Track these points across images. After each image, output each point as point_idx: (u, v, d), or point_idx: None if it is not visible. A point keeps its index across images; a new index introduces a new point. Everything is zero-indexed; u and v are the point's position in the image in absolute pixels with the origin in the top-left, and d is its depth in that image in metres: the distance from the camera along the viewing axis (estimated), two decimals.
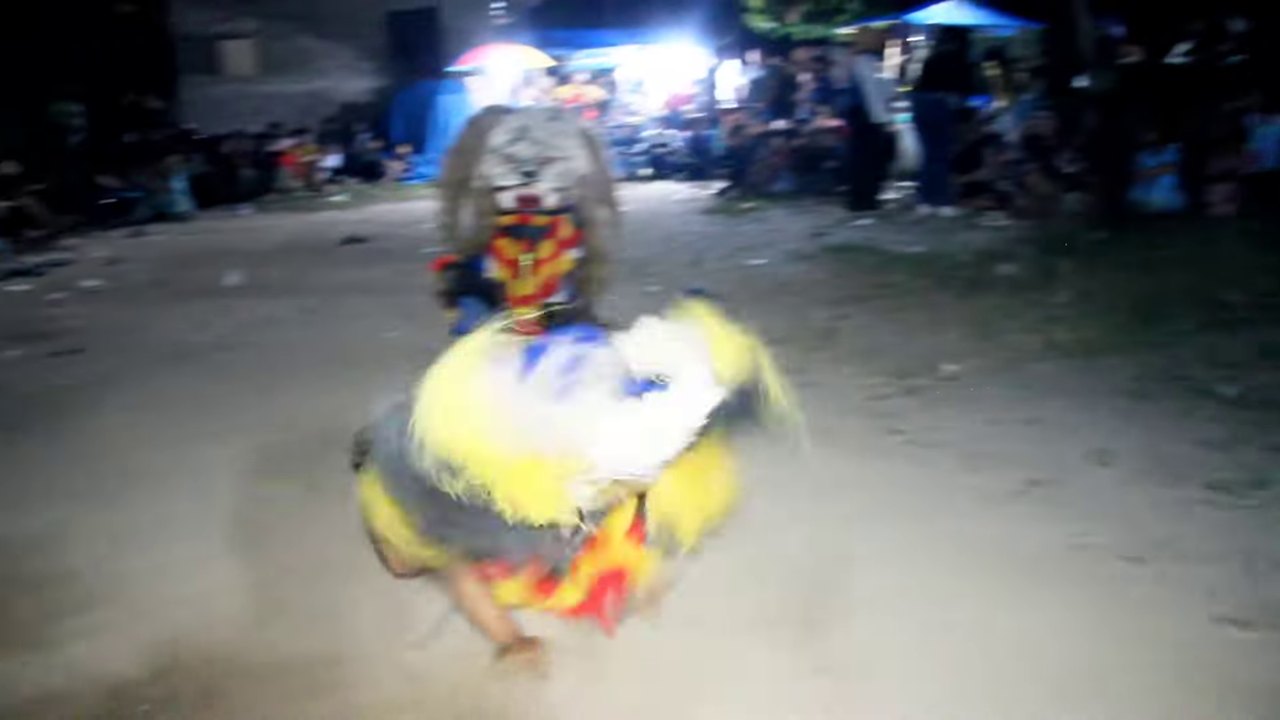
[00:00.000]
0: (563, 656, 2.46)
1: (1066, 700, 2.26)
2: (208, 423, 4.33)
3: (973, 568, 2.85)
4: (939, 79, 10.15)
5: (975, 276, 6.72)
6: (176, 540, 3.18)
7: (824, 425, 4.03)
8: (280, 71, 19.19)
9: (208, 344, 5.76)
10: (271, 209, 13.50)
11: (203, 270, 8.41)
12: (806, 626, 2.56)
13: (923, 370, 4.72)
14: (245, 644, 2.56)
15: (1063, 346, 5.01)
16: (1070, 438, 3.83)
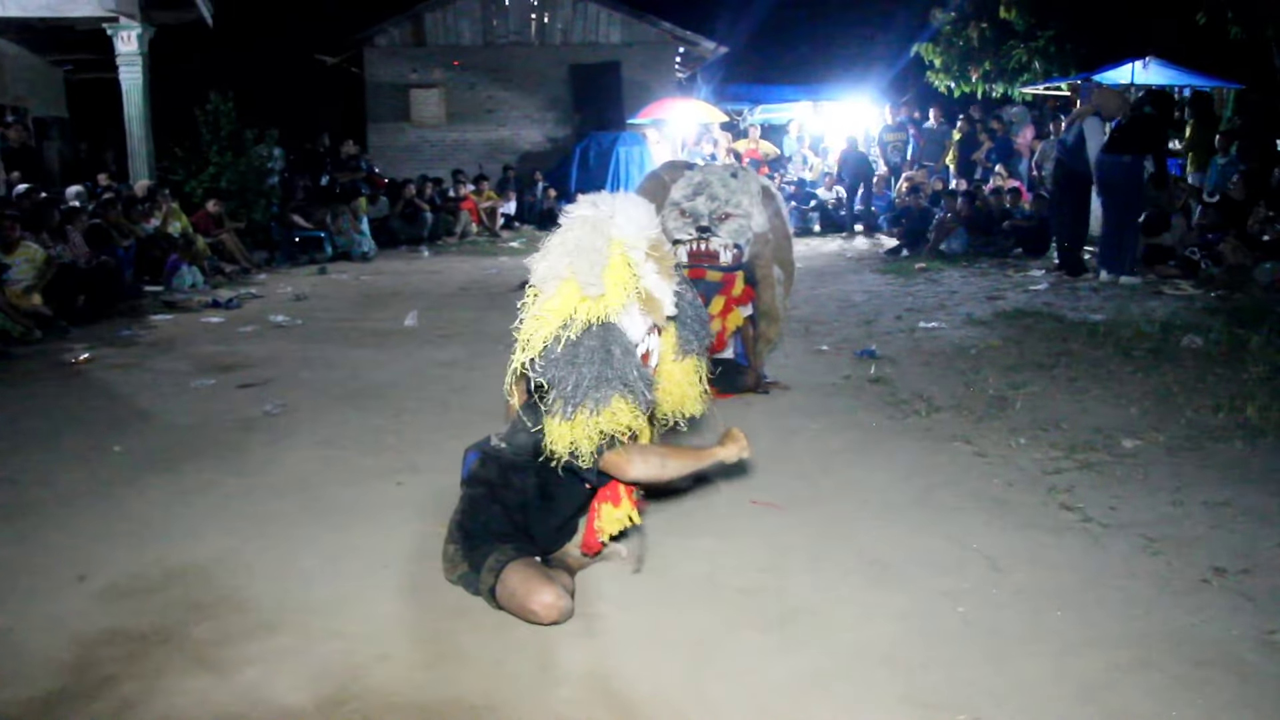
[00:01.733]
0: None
1: None
2: (387, 461, 4.50)
3: (1149, 658, 2.71)
4: (1134, 142, 9.65)
5: (1159, 348, 6.45)
6: (351, 575, 3.30)
7: (994, 497, 3.96)
8: (465, 120, 20.01)
9: (387, 383, 5.99)
10: (450, 252, 14.02)
11: (384, 310, 8.79)
12: (959, 709, 2.47)
13: (1100, 444, 4.54)
14: (409, 683, 2.63)
15: (1253, 426, 4.75)
16: (1261, 525, 3.62)
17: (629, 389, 2.74)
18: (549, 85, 19.94)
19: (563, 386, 2.72)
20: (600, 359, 2.71)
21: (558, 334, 2.73)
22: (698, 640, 2.84)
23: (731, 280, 5.23)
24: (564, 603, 2.86)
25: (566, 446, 2.77)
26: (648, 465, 2.92)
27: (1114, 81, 12.93)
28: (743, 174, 5.38)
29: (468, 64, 19.81)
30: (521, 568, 2.93)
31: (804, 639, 2.84)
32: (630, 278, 2.78)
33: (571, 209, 2.89)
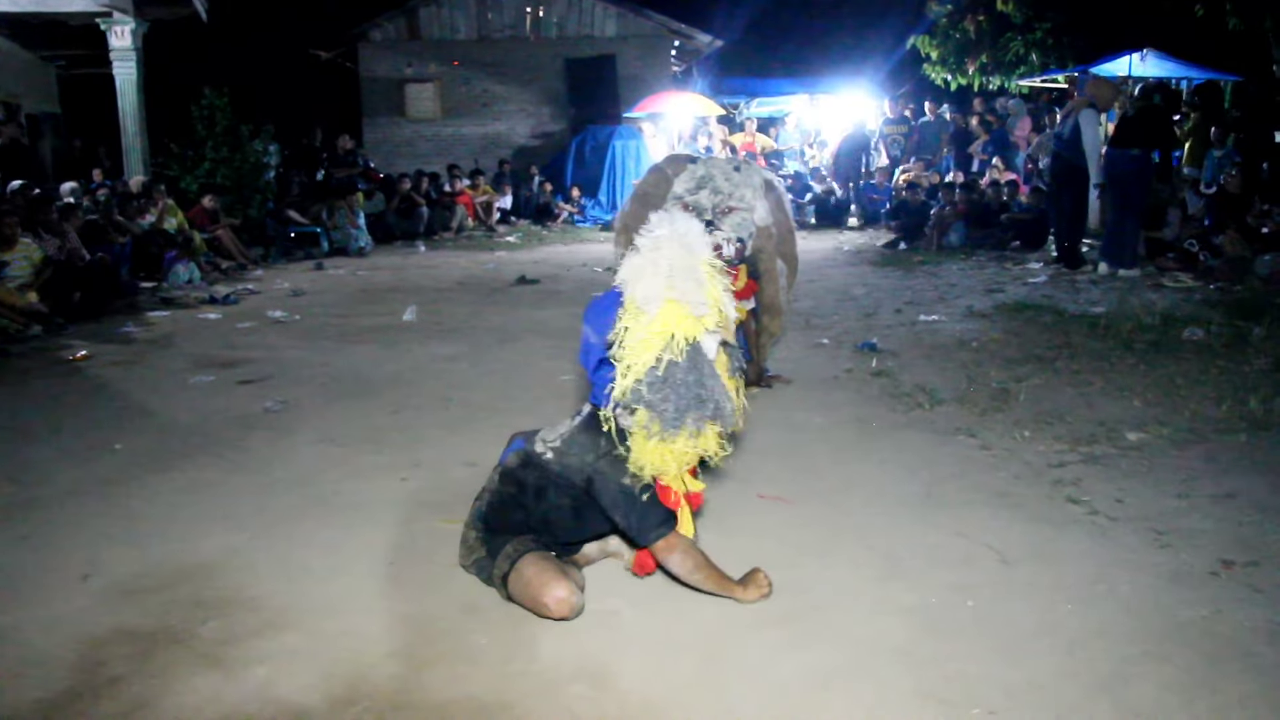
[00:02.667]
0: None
1: None
2: (390, 457, 4.48)
3: (1160, 651, 2.70)
4: (1143, 135, 9.66)
5: (1160, 340, 6.44)
6: (358, 572, 3.28)
7: (999, 490, 3.95)
8: (460, 114, 19.98)
9: (386, 379, 5.98)
10: (446, 247, 14.00)
11: (381, 305, 8.77)
12: (975, 704, 2.46)
13: (1105, 437, 4.54)
14: (419, 681, 2.61)
15: (1256, 418, 4.74)
16: (1267, 517, 3.61)
17: (720, 411, 2.75)
18: (544, 79, 19.90)
19: (663, 410, 2.71)
20: (695, 380, 2.72)
21: (659, 356, 2.71)
22: (709, 637, 2.83)
23: (734, 274, 5.22)
24: (576, 599, 2.85)
25: (657, 468, 2.79)
26: (683, 563, 2.93)
27: (1111, 74, 12.92)
28: (745, 167, 5.35)
29: (463, 58, 19.78)
30: (537, 560, 2.93)
31: (815, 635, 2.83)
32: (719, 296, 2.78)
33: (649, 228, 2.85)
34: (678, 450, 2.75)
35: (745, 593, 3.00)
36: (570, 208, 16.82)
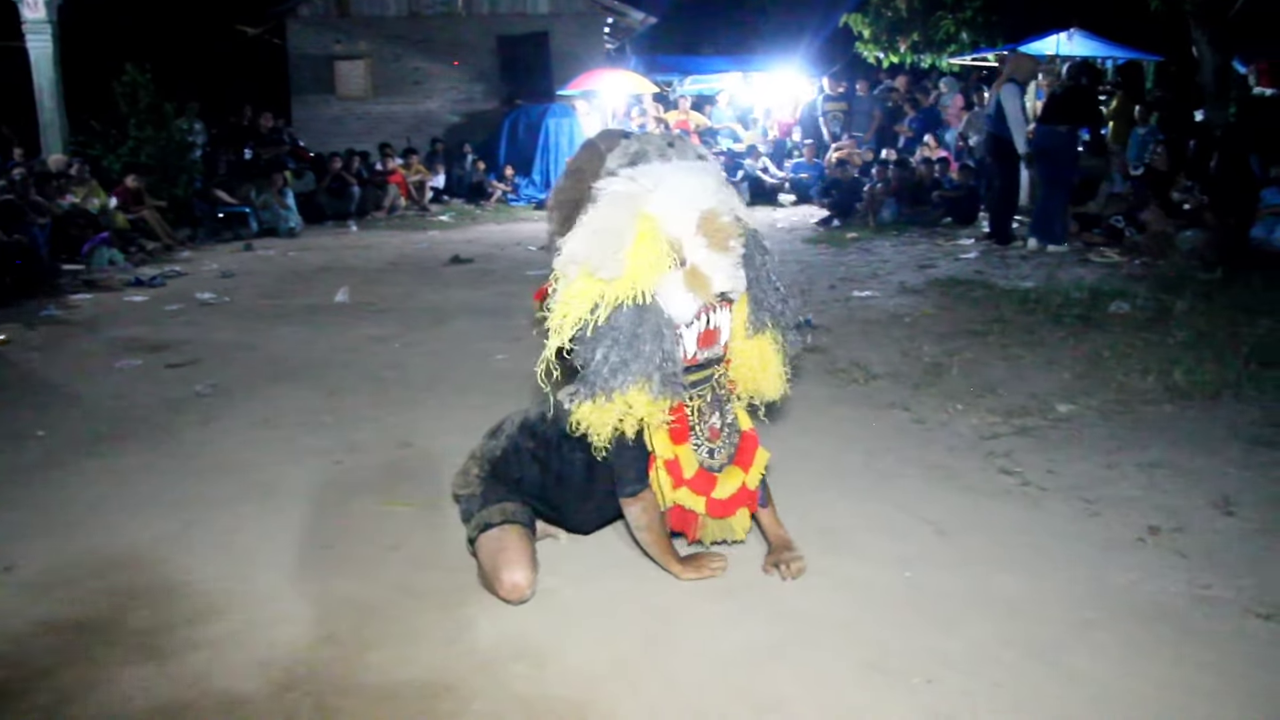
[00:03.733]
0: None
1: None
2: (325, 440, 4.42)
3: (1093, 618, 2.76)
4: (1071, 112, 9.84)
5: (1088, 314, 6.57)
6: (293, 557, 3.23)
7: (935, 463, 4.01)
8: (391, 92, 19.67)
9: (319, 361, 5.89)
10: (378, 227, 13.82)
11: (312, 286, 8.64)
12: (915, 673, 2.50)
13: (1036, 410, 4.62)
14: (360, 665, 2.58)
15: (1180, 389, 4.85)
16: (1192, 485, 3.71)
17: (648, 379, 2.63)
18: (476, 56, 19.65)
19: (585, 369, 2.65)
20: (625, 343, 2.61)
21: (588, 317, 2.63)
22: (652, 612, 2.83)
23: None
24: (529, 591, 2.82)
25: (584, 428, 2.71)
26: (638, 518, 2.90)
27: (1039, 52, 13.10)
28: (679, 142, 5.34)
29: (393, 35, 19.46)
30: (518, 538, 2.89)
31: (759, 608, 2.85)
32: (661, 255, 2.63)
33: (607, 183, 2.78)
34: (600, 411, 2.66)
35: (684, 570, 2.99)
36: (504, 186, 16.68)
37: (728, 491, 2.91)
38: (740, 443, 3.00)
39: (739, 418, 3.03)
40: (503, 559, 2.83)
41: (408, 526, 3.46)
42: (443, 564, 3.15)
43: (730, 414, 3.00)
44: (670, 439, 2.83)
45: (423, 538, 3.37)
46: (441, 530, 3.41)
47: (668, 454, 2.83)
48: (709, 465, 2.92)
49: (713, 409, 2.94)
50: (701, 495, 2.87)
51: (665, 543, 2.98)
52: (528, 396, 5.03)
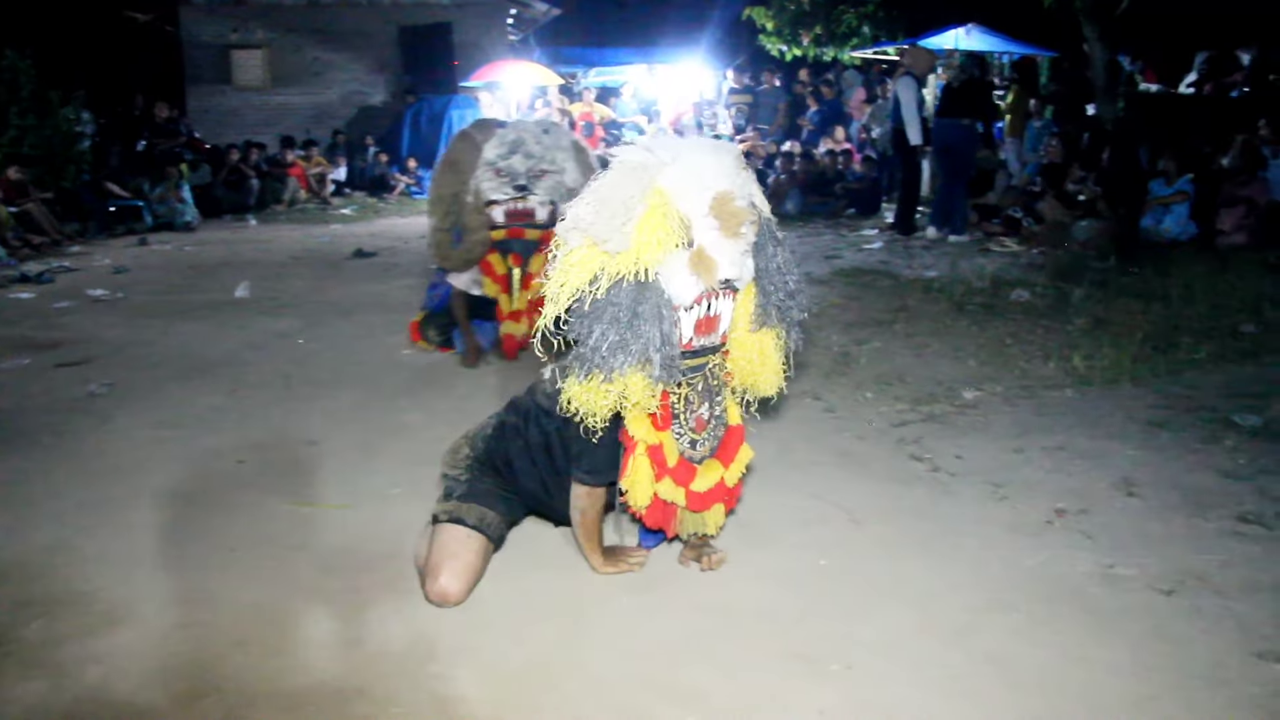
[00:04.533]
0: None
1: None
2: (227, 439, 4.28)
3: (1004, 600, 2.81)
4: (964, 106, 10.07)
5: (990, 302, 6.71)
6: (195, 562, 3.12)
7: (846, 450, 4.04)
8: (290, 83, 19.22)
9: (219, 358, 5.71)
10: (278, 221, 13.51)
11: (211, 281, 8.40)
12: (833, 660, 2.51)
13: (943, 396, 4.69)
14: (270, 671, 2.50)
15: (1081, 374, 4.99)
16: (1095, 467, 3.81)
17: (647, 361, 2.50)
18: (378, 47, 19.30)
19: (583, 345, 2.52)
20: (625, 322, 2.48)
21: (586, 289, 2.51)
22: (568, 607, 2.80)
23: (549, 238, 5.14)
24: (452, 601, 2.76)
25: (580, 406, 2.59)
26: (579, 502, 2.87)
27: (939, 47, 13.35)
28: (554, 129, 5.34)
29: (291, 24, 18.99)
30: (476, 548, 2.83)
31: (677, 600, 2.83)
32: (669, 233, 2.49)
33: (620, 151, 2.62)
34: (595, 391, 2.54)
35: (603, 564, 2.97)
36: (407, 179, 16.44)
37: (706, 485, 2.82)
38: (725, 437, 2.91)
39: (729, 411, 2.93)
40: (450, 563, 2.77)
41: (315, 527, 3.37)
42: (352, 565, 3.07)
43: (720, 406, 2.88)
44: (652, 424, 2.72)
45: (330, 538, 3.28)
46: (350, 530, 3.33)
47: (651, 439, 2.72)
48: (690, 456, 2.82)
49: (702, 399, 2.81)
50: (682, 486, 2.77)
51: (597, 534, 2.95)
52: (437, 390, 4.96)
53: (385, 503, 3.56)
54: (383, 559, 3.09)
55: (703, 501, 2.83)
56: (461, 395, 4.89)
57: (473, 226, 5.13)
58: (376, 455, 4.04)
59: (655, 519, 2.82)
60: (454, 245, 5.21)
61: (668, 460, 2.74)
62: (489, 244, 5.16)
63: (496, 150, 5.09)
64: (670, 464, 2.74)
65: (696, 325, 2.63)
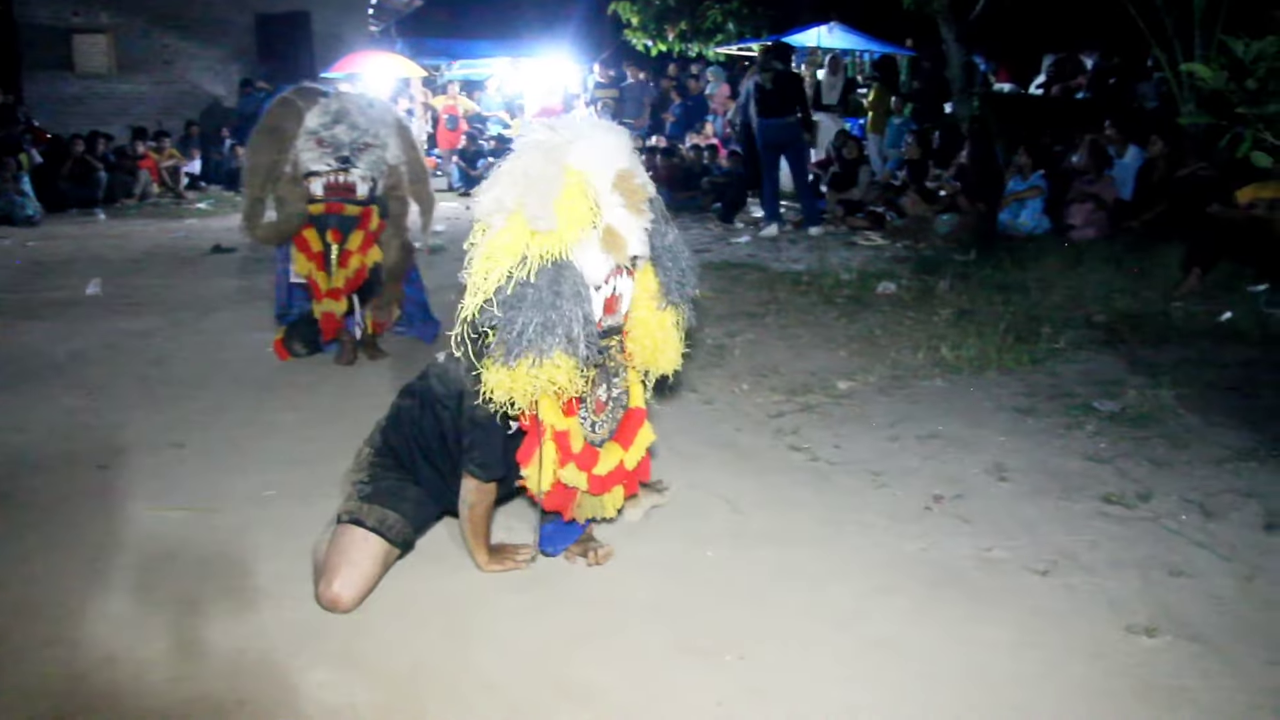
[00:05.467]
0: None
1: (982, 714, 2.28)
2: (83, 443, 4.05)
3: (888, 585, 2.86)
4: (784, 103, 10.26)
5: (858, 295, 6.86)
6: (59, 573, 2.94)
7: (725, 442, 4.07)
8: (139, 70, 18.37)
9: (73, 359, 5.41)
10: (129, 215, 12.94)
11: (58, 280, 7.97)
12: (727, 650, 2.52)
13: (818, 387, 4.77)
14: (142, 686, 2.37)
15: (948, 363, 5.13)
16: (967, 453, 3.92)
17: (571, 342, 2.46)
18: (233, 35, 18.63)
19: (508, 330, 2.43)
20: (548, 303, 2.43)
21: (510, 273, 2.44)
22: (453, 607, 2.74)
23: (369, 214, 5.04)
24: (343, 608, 2.68)
25: (505, 395, 2.51)
26: (469, 496, 2.82)
27: (801, 44, 13.61)
28: (379, 103, 5.23)
29: (139, 7, 18.14)
30: (373, 552, 2.74)
31: (564, 597, 2.80)
32: (587, 211, 2.48)
33: (524, 133, 2.59)
34: (519, 379, 2.48)
35: (489, 561, 2.91)
36: None
37: (607, 468, 2.79)
38: (624, 419, 2.88)
39: (633, 393, 2.90)
40: (345, 569, 2.69)
41: (184, 533, 3.21)
42: (225, 570, 2.94)
43: (617, 388, 2.85)
44: (561, 410, 2.67)
45: (201, 544, 3.13)
46: (221, 534, 3.19)
47: (559, 425, 2.66)
48: (591, 440, 2.78)
49: (601, 380, 2.77)
50: (584, 471, 2.73)
51: (484, 529, 2.91)
52: (306, 387, 4.81)
53: (258, 505, 3.42)
54: (259, 563, 2.98)
55: (603, 484, 2.80)
56: (333, 390, 4.75)
57: (290, 198, 4.94)
58: (246, 456, 3.89)
59: (554, 502, 2.78)
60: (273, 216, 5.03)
61: (573, 446, 2.70)
62: (305, 218, 4.96)
63: (320, 119, 4.91)
64: (576, 449, 2.70)
65: (604, 305, 2.62)
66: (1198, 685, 2.37)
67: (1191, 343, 5.54)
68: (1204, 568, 2.98)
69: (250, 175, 4.99)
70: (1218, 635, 2.59)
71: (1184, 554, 3.06)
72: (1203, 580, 2.90)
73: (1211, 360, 5.18)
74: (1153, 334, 5.71)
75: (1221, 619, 2.68)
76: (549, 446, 2.67)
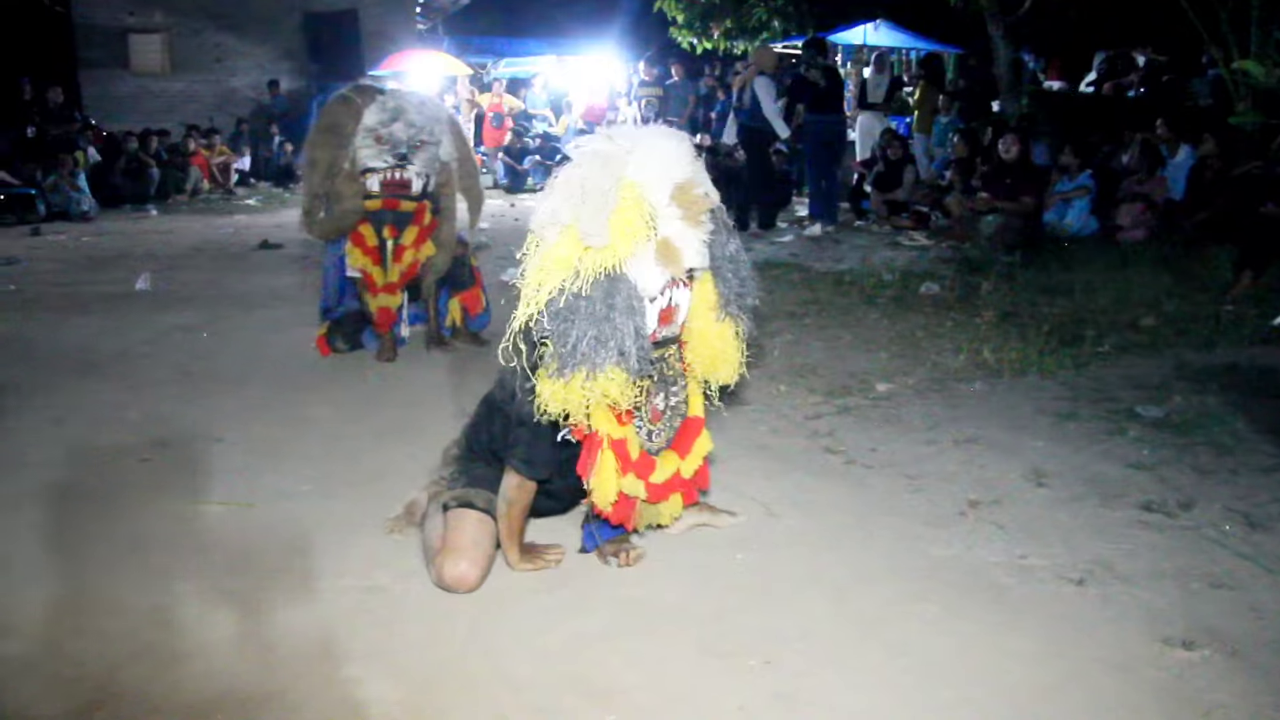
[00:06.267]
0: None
1: None
2: (125, 436, 4.12)
3: (918, 591, 2.83)
4: (834, 101, 10.65)
5: (900, 295, 6.80)
6: (96, 565, 3.00)
7: (760, 443, 4.05)
8: (192, 69, 18.67)
9: (119, 353, 5.51)
10: (180, 211, 13.14)
11: (109, 274, 8.11)
12: (752, 655, 2.50)
13: (856, 389, 4.73)
14: (176, 678, 2.40)
15: (990, 366, 5.08)
16: (1006, 458, 3.87)
17: (623, 355, 2.45)
18: (282, 34, 18.86)
19: (561, 343, 2.45)
20: (601, 316, 2.43)
21: (563, 286, 2.45)
22: (482, 604, 2.75)
23: (423, 210, 5.11)
24: (468, 586, 2.76)
25: (559, 407, 2.52)
26: (508, 493, 2.82)
27: (848, 42, 13.53)
28: (431, 101, 5.28)
29: (192, 7, 18.41)
30: (477, 522, 2.84)
31: (591, 597, 2.80)
32: (642, 224, 2.47)
33: (584, 142, 2.58)
34: (573, 391, 2.48)
35: (520, 560, 2.92)
36: None
37: (663, 476, 2.80)
38: (681, 427, 2.88)
39: (692, 402, 2.91)
40: (472, 550, 2.78)
41: (221, 527, 3.26)
42: (259, 566, 2.97)
43: (675, 397, 2.85)
44: (616, 419, 2.67)
45: (237, 539, 3.17)
46: (257, 529, 3.23)
47: (616, 434, 2.66)
48: (647, 448, 2.78)
49: (658, 390, 2.79)
50: (642, 480, 2.74)
51: (519, 528, 2.91)
52: (345, 384, 4.86)
53: (293, 501, 3.46)
54: (292, 558, 3.01)
55: (660, 493, 2.81)
56: (371, 388, 4.79)
57: (347, 194, 5.00)
58: (284, 452, 3.93)
59: (620, 515, 2.78)
60: (325, 213, 5.09)
61: (631, 454, 2.70)
62: (362, 214, 5.03)
63: (378, 116, 4.97)
64: (634, 458, 2.71)
65: (660, 316, 2.62)
66: (1232, 701, 2.32)
67: (1241, 347, 5.44)
68: (1246, 580, 2.91)
69: (310, 171, 5.07)
70: (1256, 650, 2.53)
71: (1226, 565, 3.00)
72: (1244, 593, 2.84)
73: (1261, 366, 5.08)
74: (1201, 338, 5.60)
75: (1262, 633, 2.62)
76: (608, 455, 2.66)
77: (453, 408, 4.43)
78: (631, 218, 2.46)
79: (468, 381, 4.86)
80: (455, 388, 4.75)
